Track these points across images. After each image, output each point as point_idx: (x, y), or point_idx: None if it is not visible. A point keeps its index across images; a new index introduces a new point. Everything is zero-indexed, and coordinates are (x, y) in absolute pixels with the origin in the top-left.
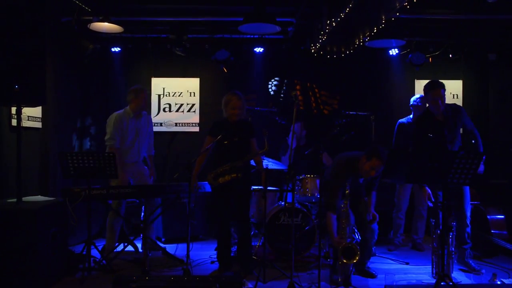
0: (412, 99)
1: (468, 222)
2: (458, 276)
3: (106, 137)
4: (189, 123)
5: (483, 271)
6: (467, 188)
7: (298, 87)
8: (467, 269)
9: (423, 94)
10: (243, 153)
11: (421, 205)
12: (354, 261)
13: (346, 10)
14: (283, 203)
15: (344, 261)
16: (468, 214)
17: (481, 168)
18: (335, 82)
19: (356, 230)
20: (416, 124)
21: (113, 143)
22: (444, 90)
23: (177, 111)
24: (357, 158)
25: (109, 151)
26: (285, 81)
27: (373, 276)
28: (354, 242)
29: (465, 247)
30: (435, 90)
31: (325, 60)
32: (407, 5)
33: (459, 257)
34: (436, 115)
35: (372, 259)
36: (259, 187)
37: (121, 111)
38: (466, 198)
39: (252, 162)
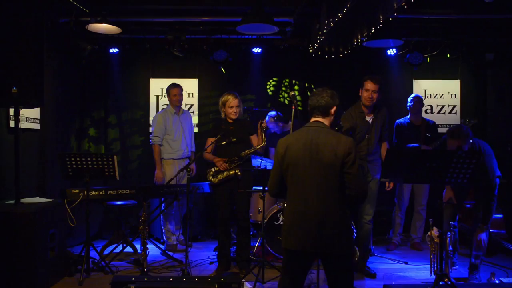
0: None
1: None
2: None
3: (151, 135)
4: None
5: (497, 279)
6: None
7: (296, 87)
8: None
9: (418, 94)
10: (242, 151)
11: (420, 205)
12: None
13: (344, 10)
14: (281, 203)
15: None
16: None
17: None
18: (333, 82)
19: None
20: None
21: (156, 140)
22: (468, 139)
23: None
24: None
25: (153, 147)
26: (284, 81)
27: (373, 276)
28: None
29: (474, 253)
30: (453, 140)
31: (323, 60)
32: (404, 5)
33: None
34: None
35: (371, 258)
36: (259, 187)
37: (163, 110)
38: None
39: (253, 163)
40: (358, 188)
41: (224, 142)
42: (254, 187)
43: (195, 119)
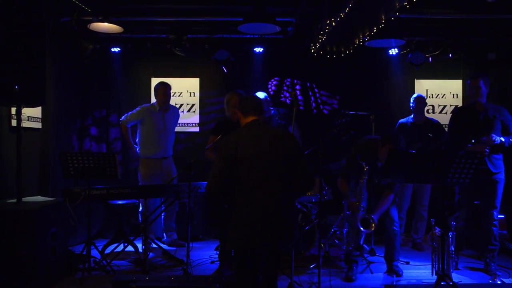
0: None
1: (496, 223)
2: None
3: (125, 115)
4: (189, 123)
5: (499, 280)
6: (501, 188)
7: (298, 87)
8: (483, 269)
9: (420, 94)
10: None
11: (422, 205)
12: (372, 229)
13: (346, 10)
14: None
15: (362, 229)
16: (496, 215)
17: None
18: (335, 82)
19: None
20: (453, 114)
21: (122, 119)
22: (483, 81)
23: None
24: (376, 140)
25: (121, 126)
26: (285, 81)
27: (398, 275)
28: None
29: (490, 248)
30: (473, 80)
31: (325, 60)
32: (406, 5)
33: (483, 256)
34: (474, 104)
35: (372, 258)
36: None
37: (149, 104)
38: (497, 198)
39: None
40: (307, 177)
41: None
42: None
43: (196, 119)
